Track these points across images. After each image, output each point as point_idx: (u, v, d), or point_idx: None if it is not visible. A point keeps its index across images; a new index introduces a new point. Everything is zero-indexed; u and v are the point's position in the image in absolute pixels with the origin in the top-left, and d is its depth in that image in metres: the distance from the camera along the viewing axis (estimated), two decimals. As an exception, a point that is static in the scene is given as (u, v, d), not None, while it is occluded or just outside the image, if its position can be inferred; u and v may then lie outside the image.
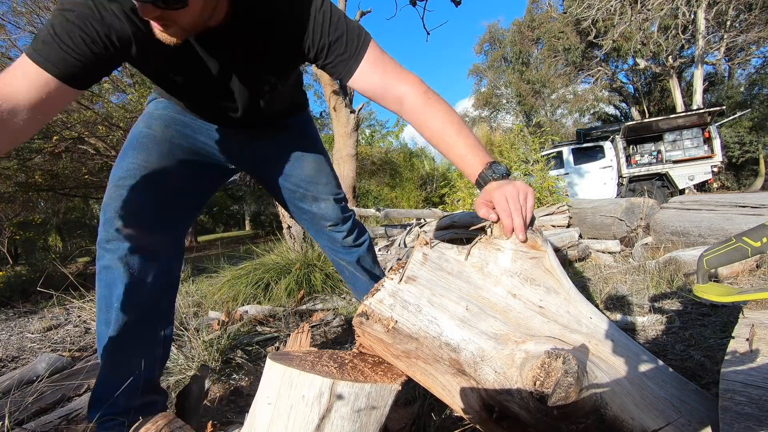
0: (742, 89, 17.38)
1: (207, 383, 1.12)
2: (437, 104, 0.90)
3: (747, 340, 0.78)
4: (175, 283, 1.09)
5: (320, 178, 1.24)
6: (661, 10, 12.05)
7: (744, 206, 2.77)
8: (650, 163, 9.18)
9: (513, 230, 0.77)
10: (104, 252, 0.94)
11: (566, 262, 2.98)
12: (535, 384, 0.58)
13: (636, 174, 9.03)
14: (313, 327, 2.06)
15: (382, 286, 0.74)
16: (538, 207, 4.37)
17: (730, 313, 1.56)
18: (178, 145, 1.05)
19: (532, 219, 0.80)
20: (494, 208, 0.79)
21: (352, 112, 5.71)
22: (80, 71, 0.76)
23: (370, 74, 0.91)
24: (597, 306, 1.74)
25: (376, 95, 0.93)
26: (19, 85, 0.72)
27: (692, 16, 13.16)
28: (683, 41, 13.93)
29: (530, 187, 0.80)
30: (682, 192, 8.51)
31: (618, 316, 1.67)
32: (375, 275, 1.41)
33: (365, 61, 0.91)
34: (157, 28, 0.75)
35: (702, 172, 8.61)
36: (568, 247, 3.13)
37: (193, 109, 1.07)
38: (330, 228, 1.29)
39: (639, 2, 12.16)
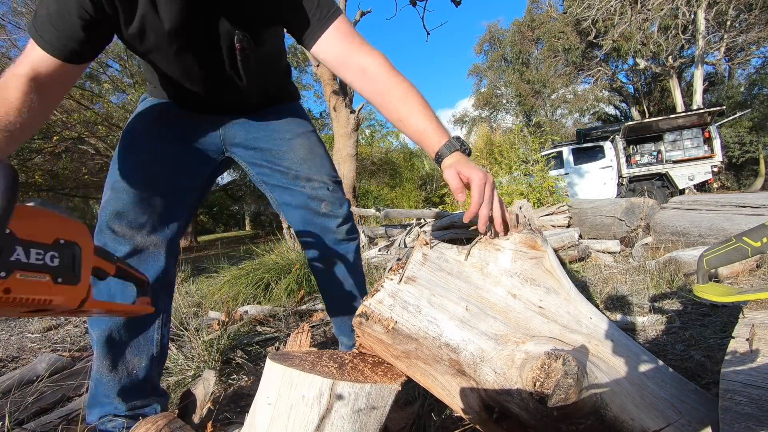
0: (742, 89, 17.39)
1: (212, 386, 1.13)
2: (401, 78, 0.91)
3: (747, 340, 0.78)
4: (172, 283, 1.08)
5: (313, 159, 1.17)
6: (661, 10, 12.05)
7: (744, 206, 2.77)
8: (650, 163, 9.18)
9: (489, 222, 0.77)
10: None
11: (566, 262, 2.98)
12: (534, 385, 0.58)
13: (636, 174, 9.04)
14: (313, 327, 2.06)
15: (382, 286, 0.74)
16: (538, 207, 4.37)
17: (730, 313, 1.56)
18: (171, 144, 1.04)
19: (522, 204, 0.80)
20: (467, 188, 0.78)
21: (352, 112, 5.72)
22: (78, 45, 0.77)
23: (335, 42, 0.92)
24: (597, 306, 1.74)
25: (337, 63, 0.93)
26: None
27: (692, 16, 13.16)
28: (683, 41, 13.93)
29: (489, 174, 0.79)
30: (682, 192, 8.51)
31: (618, 316, 1.67)
32: (360, 289, 1.27)
33: (333, 28, 0.92)
34: None
35: (702, 172, 8.61)
36: (568, 247, 3.13)
37: (181, 92, 1.04)
38: (325, 210, 1.16)
39: (639, 2, 12.16)
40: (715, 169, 8.62)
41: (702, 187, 8.91)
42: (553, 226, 4.01)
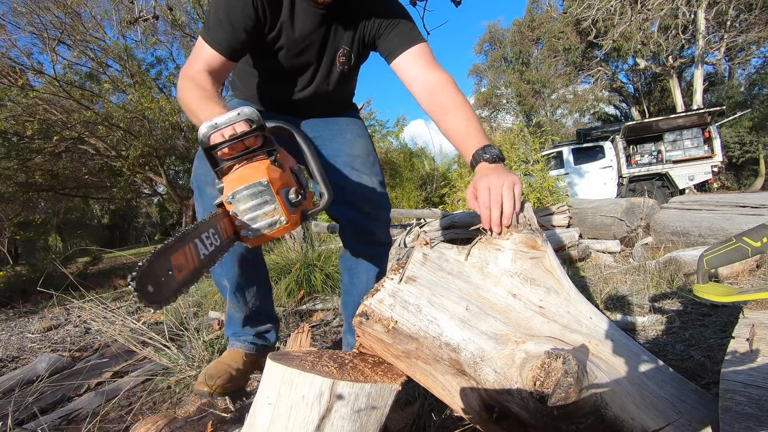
0: (742, 89, 17.38)
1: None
2: (457, 97, 1.05)
3: (747, 340, 0.78)
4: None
5: (368, 157, 1.29)
6: (661, 10, 12.04)
7: (744, 206, 2.77)
8: (650, 163, 9.17)
9: (491, 223, 0.80)
10: None
11: (566, 262, 2.98)
12: (535, 384, 0.58)
13: (636, 174, 9.03)
14: (313, 327, 2.06)
15: (382, 286, 0.74)
16: (538, 207, 4.37)
17: (730, 313, 1.56)
18: None
19: (522, 204, 0.82)
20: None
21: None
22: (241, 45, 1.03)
23: (412, 61, 1.11)
24: (597, 306, 1.74)
25: (409, 78, 1.11)
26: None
27: (692, 16, 13.15)
28: (683, 41, 13.92)
29: (516, 177, 0.84)
30: (682, 192, 8.50)
31: (618, 316, 1.67)
32: None
33: (413, 49, 1.11)
34: None
35: (702, 172, 8.61)
36: (568, 247, 3.13)
37: (274, 93, 1.24)
38: (368, 210, 1.24)
39: (639, 2, 12.16)
40: (715, 169, 8.61)
41: (702, 187, 8.90)
42: (553, 226, 4.01)
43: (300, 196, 0.77)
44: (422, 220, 4.63)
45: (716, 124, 8.87)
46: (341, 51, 1.15)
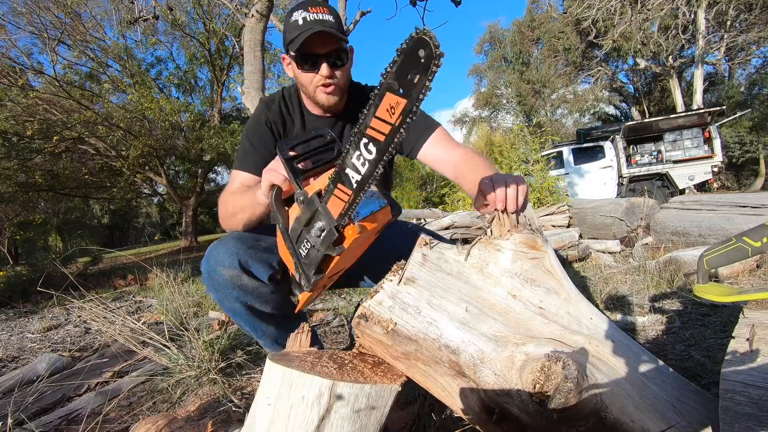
0: (742, 89, 17.37)
1: None
2: (477, 160, 1.11)
3: (747, 340, 0.78)
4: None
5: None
6: (661, 10, 12.04)
7: (744, 206, 2.77)
8: (650, 163, 9.17)
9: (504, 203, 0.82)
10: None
11: (566, 262, 2.98)
12: (535, 387, 0.58)
13: (636, 174, 9.03)
14: (313, 327, 2.06)
15: (382, 287, 0.74)
16: (538, 207, 4.37)
17: (730, 313, 1.56)
18: None
19: (525, 203, 0.83)
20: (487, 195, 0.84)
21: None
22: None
23: (433, 147, 1.18)
24: (597, 306, 1.73)
25: (435, 159, 1.18)
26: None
27: (692, 16, 13.15)
28: (683, 41, 13.91)
29: (522, 178, 0.86)
30: (682, 192, 8.50)
31: (618, 317, 1.67)
32: None
33: (432, 138, 1.18)
34: (325, 91, 1.12)
35: (702, 172, 8.60)
36: (568, 247, 3.13)
37: None
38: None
39: (639, 2, 12.15)
40: (716, 169, 8.61)
41: (702, 187, 8.90)
42: (553, 226, 4.01)
43: None
44: (422, 220, 4.63)
45: (716, 124, 8.87)
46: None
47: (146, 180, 13.67)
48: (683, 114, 8.98)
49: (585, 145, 9.57)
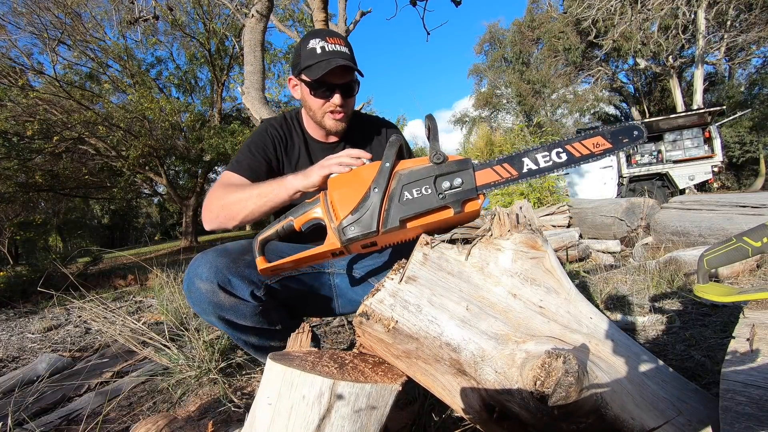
0: (742, 89, 17.38)
1: None
2: None
3: (747, 340, 0.78)
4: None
5: None
6: (661, 10, 12.05)
7: (744, 206, 2.77)
8: (650, 163, 9.17)
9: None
10: None
11: (566, 262, 2.98)
12: (535, 384, 0.58)
13: (636, 174, 9.03)
14: (313, 327, 2.06)
15: (383, 286, 0.74)
16: (538, 207, 4.37)
17: (730, 313, 1.56)
18: None
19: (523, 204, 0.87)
20: None
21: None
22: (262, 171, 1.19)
23: None
24: (597, 306, 1.74)
25: None
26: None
27: (692, 16, 13.15)
28: (683, 41, 13.92)
29: None
30: (682, 192, 8.50)
31: (618, 316, 1.67)
32: None
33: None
34: (334, 117, 1.19)
35: (702, 172, 8.60)
36: (569, 247, 3.13)
37: None
38: None
39: (639, 2, 12.16)
40: (716, 169, 8.61)
41: (702, 187, 8.90)
42: (554, 226, 4.01)
43: None
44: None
45: (716, 124, 8.87)
46: None
47: (146, 180, 13.68)
48: (683, 114, 8.98)
49: (585, 145, 9.55)
